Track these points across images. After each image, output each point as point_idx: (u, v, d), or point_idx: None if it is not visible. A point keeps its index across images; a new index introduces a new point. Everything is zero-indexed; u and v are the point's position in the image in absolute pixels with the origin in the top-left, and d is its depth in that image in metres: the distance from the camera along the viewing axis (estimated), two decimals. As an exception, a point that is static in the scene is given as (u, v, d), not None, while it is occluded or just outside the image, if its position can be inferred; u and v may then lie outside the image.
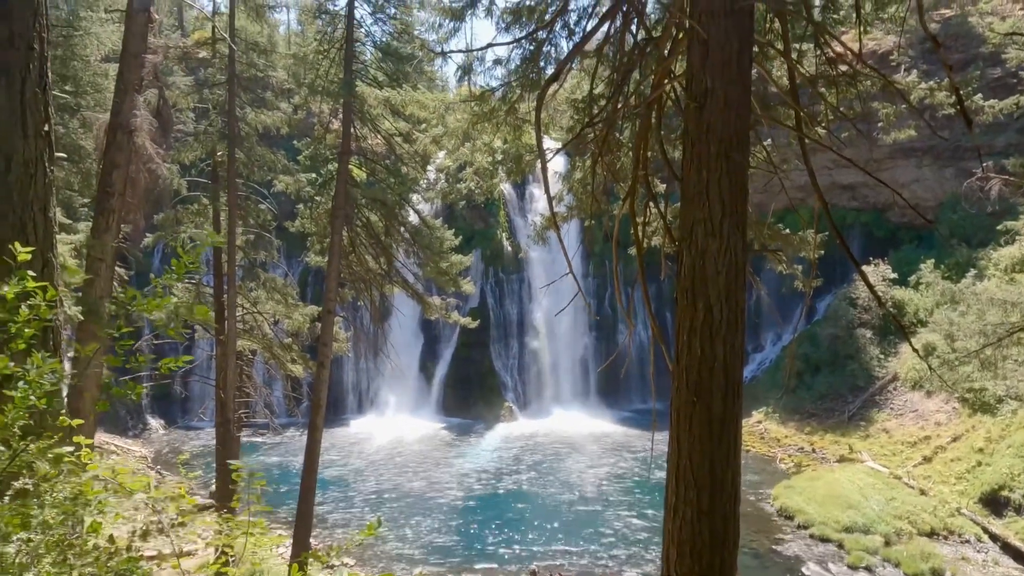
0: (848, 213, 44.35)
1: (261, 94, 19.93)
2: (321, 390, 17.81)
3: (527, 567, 25.10)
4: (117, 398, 9.49)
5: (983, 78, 34.84)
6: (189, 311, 3.02)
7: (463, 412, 43.26)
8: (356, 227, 19.54)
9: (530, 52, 8.96)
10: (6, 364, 2.53)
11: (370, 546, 27.09)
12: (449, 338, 45.21)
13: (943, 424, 32.72)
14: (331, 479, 34.07)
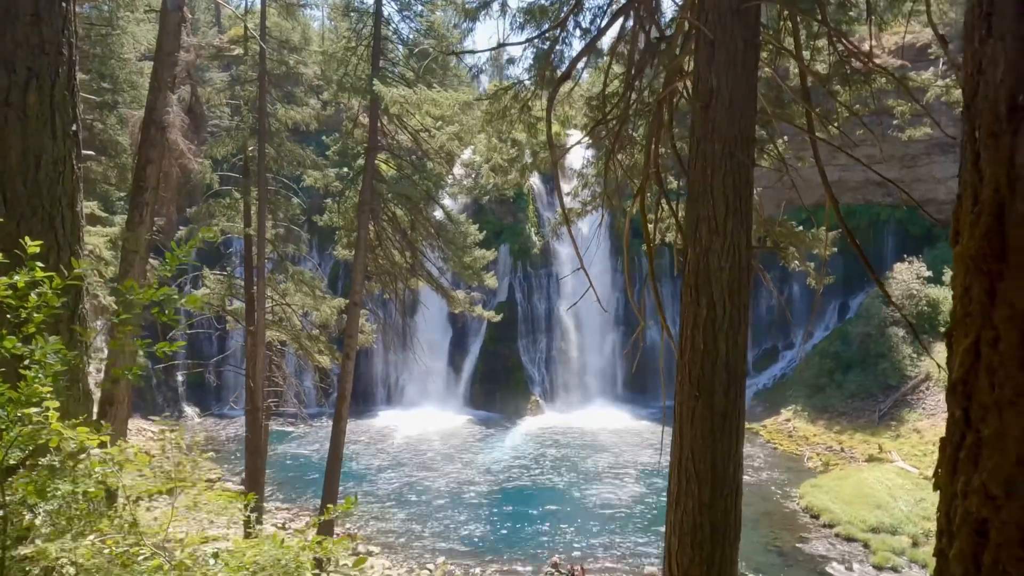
0: (882, 210, 43.61)
1: (291, 90, 20.36)
2: (347, 381, 18.20)
3: (549, 560, 25.32)
4: (134, 383, 9.53)
5: None
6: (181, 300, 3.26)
7: (490, 406, 43.58)
8: (382, 221, 19.88)
9: (543, 51, 9.13)
10: (14, 344, 2.81)
11: (396, 536, 27.57)
12: (477, 332, 45.53)
13: (976, 425, 32.06)
14: (358, 469, 34.65)
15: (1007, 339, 1.41)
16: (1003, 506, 1.41)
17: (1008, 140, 1.44)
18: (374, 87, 14.83)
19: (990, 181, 1.47)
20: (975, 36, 1.54)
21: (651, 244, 9.28)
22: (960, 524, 1.49)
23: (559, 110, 10.99)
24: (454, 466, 35.15)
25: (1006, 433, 1.41)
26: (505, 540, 27.38)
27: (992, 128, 1.47)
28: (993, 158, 1.47)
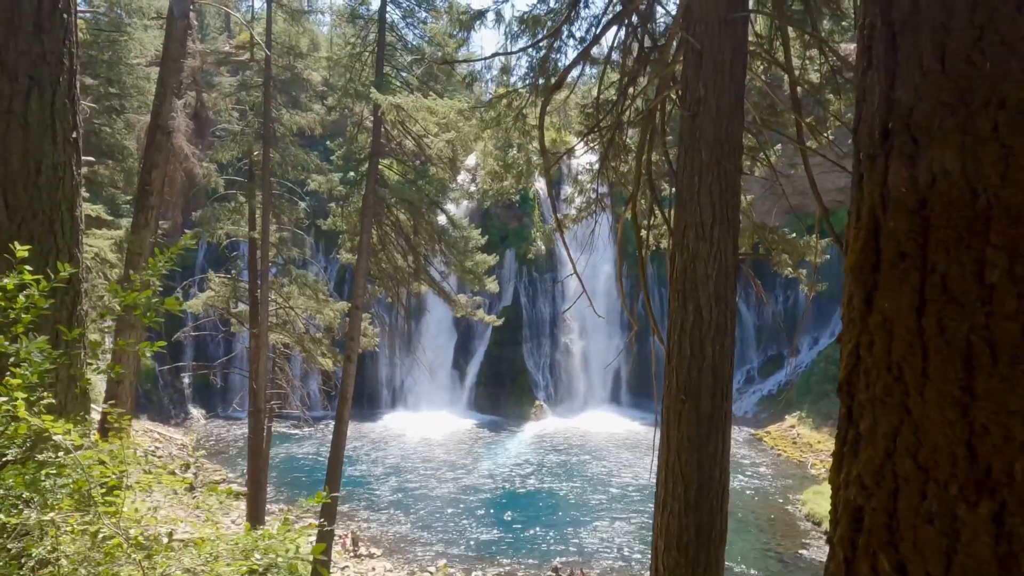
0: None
1: (297, 96, 20.60)
2: (348, 383, 18.37)
3: (550, 564, 25.41)
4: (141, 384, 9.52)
5: None
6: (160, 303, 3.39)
7: (494, 409, 43.71)
8: (385, 226, 20.07)
9: (538, 60, 9.29)
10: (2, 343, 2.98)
11: (398, 538, 27.72)
12: (482, 336, 45.69)
13: None
14: (362, 472, 34.83)
15: (879, 343, 1.55)
16: (874, 495, 1.54)
17: (882, 162, 1.58)
18: (370, 94, 15.03)
19: (867, 199, 1.61)
20: (859, 67, 1.68)
21: (642, 250, 9.41)
22: (842, 512, 1.62)
23: (555, 118, 11.14)
24: (457, 470, 35.28)
25: (877, 428, 1.55)
26: (507, 544, 27.48)
27: (870, 151, 1.62)
28: (870, 179, 1.61)
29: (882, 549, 1.52)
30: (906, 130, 1.53)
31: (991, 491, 1.41)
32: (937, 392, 1.46)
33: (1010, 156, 1.41)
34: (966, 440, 1.43)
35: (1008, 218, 1.41)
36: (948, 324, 1.45)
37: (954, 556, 1.43)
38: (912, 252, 1.50)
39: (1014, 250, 1.41)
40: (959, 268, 1.44)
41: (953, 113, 1.46)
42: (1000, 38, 1.41)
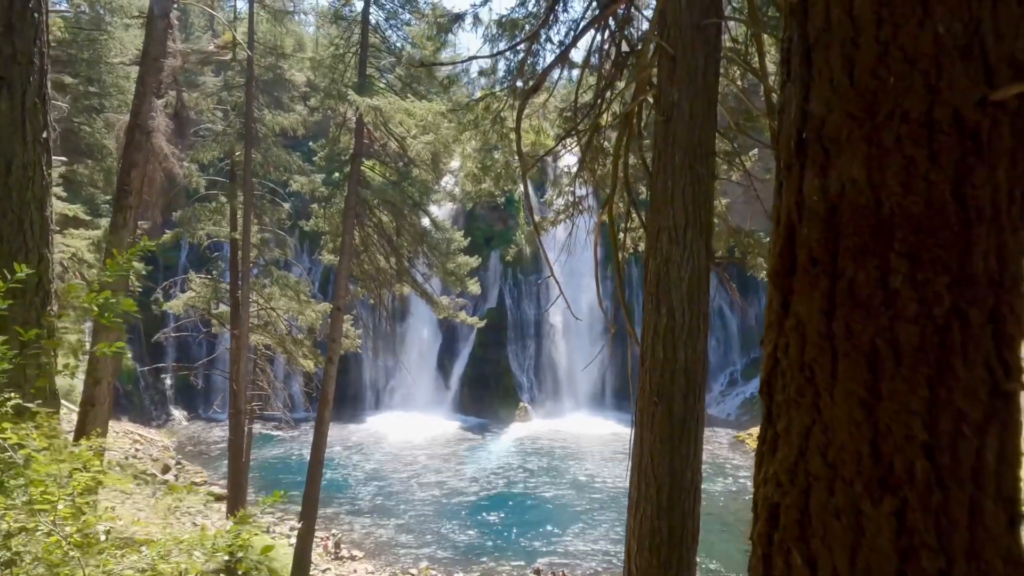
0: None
1: (279, 96, 20.55)
2: (329, 385, 18.34)
3: (532, 566, 25.45)
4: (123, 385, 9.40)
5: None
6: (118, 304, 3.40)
7: (479, 411, 43.71)
8: (367, 227, 20.05)
9: (516, 64, 9.35)
10: (-44, 343, 3.00)
11: (381, 541, 27.67)
12: (467, 337, 45.66)
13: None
14: (345, 474, 34.73)
15: (793, 346, 1.61)
16: (788, 492, 1.60)
17: (798, 172, 1.64)
18: (348, 95, 15.03)
19: (785, 207, 1.67)
20: (781, 79, 1.74)
21: (618, 253, 9.48)
22: (760, 509, 1.68)
23: (534, 121, 11.20)
24: (441, 472, 35.25)
25: (791, 428, 1.60)
26: (489, 547, 27.49)
27: (788, 161, 1.68)
28: (788, 187, 1.67)
29: (795, 545, 1.58)
30: (818, 141, 1.59)
31: (893, 488, 1.47)
32: (845, 393, 1.51)
33: (911, 167, 1.47)
34: (871, 439, 1.49)
35: (910, 226, 1.47)
36: (855, 328, 1.51)
37: (859, 551, 1.49)
38: (823, 258, 1.56)
39: (915, 256, 1.47)
40: (865, 274, 1.50)
41: (860, 125, 1.52)
42: (903, 54, 1.47)
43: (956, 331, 1.45)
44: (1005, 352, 1.49)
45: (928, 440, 1.45)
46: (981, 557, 1.46)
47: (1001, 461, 1.49)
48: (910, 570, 1.45)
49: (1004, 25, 1.47)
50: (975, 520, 1.46)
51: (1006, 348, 1.49)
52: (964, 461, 1.45)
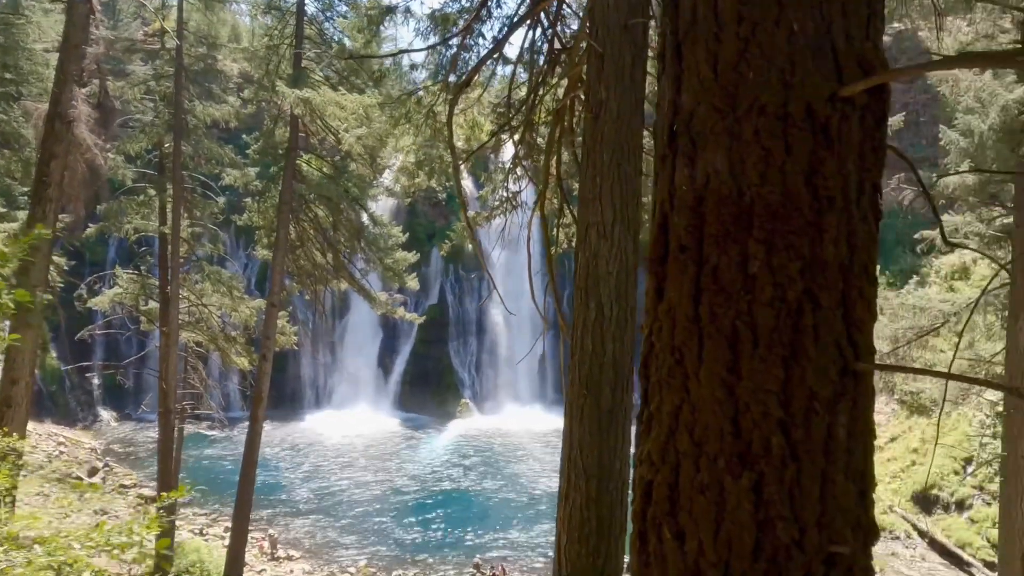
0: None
1: (210, 87, 19.99)
2: (263, 382, 17.99)
3: (472, 561, 25.49)
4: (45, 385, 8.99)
5: (928, 90, 35.96)
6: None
7: (420, 408, 43.48)
8: (303, 222, 19.73)
9: (448, 59, 9.33)
10: None
11: (319, 540, 27.28)
12: (408, 334, 45.32)
13: (883, 425, 33.75)
14: (283, 473, 34.12)
15: (665, 329, 1.67)
16: (659, 470, 1.67)
17: (670, 162, 1.70)
18: (277, 87, 14.74)
19: (660, 197, 1.73)
20: (658, 74, 1.81)
21: (550, 249, 9.57)
22: (636, 487, 1.74)
23: (469, 116, 11.21)
24: (381, 469, 34.97)
25: (663, 408, 1.67)
26: (430, 543, 27.42)
27: (662, 152, 1.74)
28: (662, 177, 1.74)
29: (665, 520, 1.64)
30: (687, 132, 1.66)
31: (751, 463, 1.55)
32: (709, 373, 1.59)
33: (769, 158, 1.55)
34: (732, 417, 1.56)
35: (767, 214, 1.55)
36: (718, 311, 1.58)
37: (722, 523, 1.56)
38: (690, 245, 1.63)
39: (771, 243, 1.55)
40: (727, 260, 1.58)
41: (723, 117, 1.60)
42: (761, 50, 1.55)
43: (809, 314, 1.54)
44: (855, 334, 1.58)
45: (783, 417, 1.53)
46: (832, 527, 1.55)
47: (852, 437, 1.59)
48: (766, 540, 1.53)
49: (853, 27, 1.56)
50: (826, 492, 1.55)
51: (856, 330, 1.59)
52: (816, 437, 1.54)
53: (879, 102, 1.62)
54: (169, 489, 19.69)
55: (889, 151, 2.12)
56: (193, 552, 21.62)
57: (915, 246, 38.48)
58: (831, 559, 1.55)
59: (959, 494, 27.57)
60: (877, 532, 1.66)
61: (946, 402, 26.18)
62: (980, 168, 12.91)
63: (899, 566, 25.23)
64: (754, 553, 1.53)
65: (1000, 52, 1.54)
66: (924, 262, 37.19)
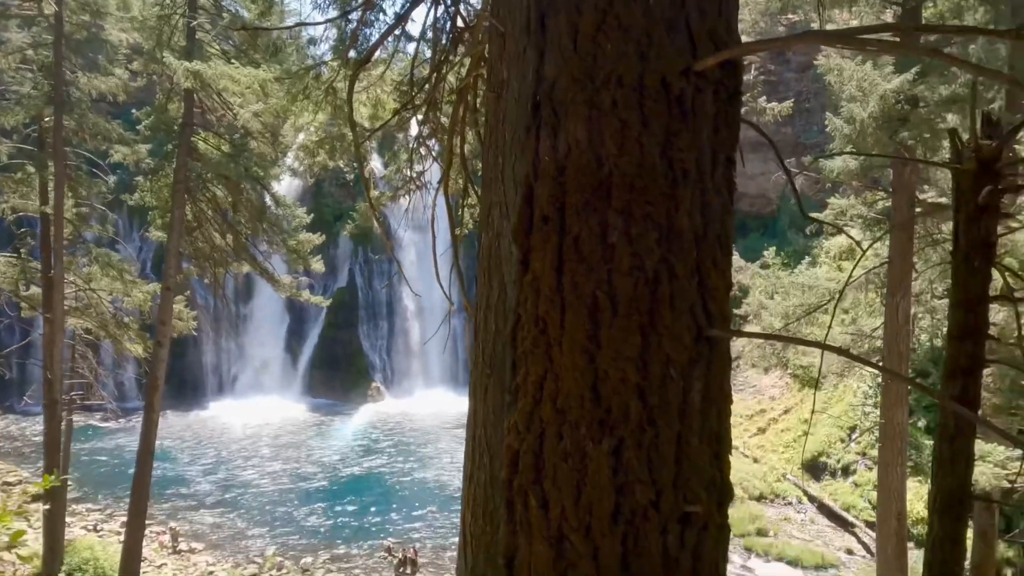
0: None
1: (95, 57, 18.76)
2: (159, 370, 17.20)
3: (383, 544, 25.35)
4: None
5: (818, 80, 37.73)
6: None
7: (330, 393, 42.72)
8: (201, 203, 18.90)
9: (348, 33, 9.09)
10: None
11: (224, 531, 26.47)
12: (316, 318, 44.33)
13: (776, 398, 35.63)
14: (185, 465, 32.88)
15: (531, 300, 1.69)
16: (525, 439, 1.69)
17: (534, 134, 1.71)
18: (165, 59, 13.98)
19: (524, 168, 1.74)
20: (522, 44, 1.81)
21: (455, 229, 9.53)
22: (504, 457, 1.76)
23: (371, 93, 10.98)
24: (289, 457, 34.21)
25: (529, 378, 1.69)
26: (340, 529, 27.09)
27: (527, 123, 1.75)
28: (526, 148, 1.74)
29: (531, 488, 1.67)
30: (550, 103, 1.67)
31: (611, 429, 1.58)
32: (571, 342, 1.61)
33: (626, 129, 1.58)
34: (592, 384, 1.60)
35: (625, 185, 1.58)
36: (579, 281, 1.60)
37: (584, 488, 1.60)
38: (553, 216, 1.64)
39: (630, 213, 1.58)
40: (588, 230, 1.60)
41: (583, 89, 1.61)
42: (618, 22, 1.57)
43: (665, 282, 1.58)
44: (709, 302, 1.64)
45: (641, 383, 1.58)
46: (687, 487, 1.61)
47: (706, 401, 1.65)
48: (625, 503, 1.57)
49: (706, 3, 1.61)
50: (682, 455, 1.60)
51: (710, 298, 1.65)
52: (672, 401, 1.59)
53: (732, 77, 1.67)
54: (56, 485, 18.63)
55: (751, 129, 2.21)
56: (86, 549, 20.57)
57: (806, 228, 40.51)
58: (686, 518, 1.61)
59: (844, 460, 29.45)
60: (731, 491, 1.73)
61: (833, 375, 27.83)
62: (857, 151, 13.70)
63: (791, 529, 26.77)
64: (614, 516, 1.58)
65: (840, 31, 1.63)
66: (815, 243, 39.19)
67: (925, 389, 3.02)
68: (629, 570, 1.57)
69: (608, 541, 1.57)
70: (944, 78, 13.40)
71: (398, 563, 23.93)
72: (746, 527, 26.19)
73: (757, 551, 25.20)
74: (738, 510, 27.30)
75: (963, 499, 4.37)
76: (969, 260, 4.21)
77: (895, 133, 13.36)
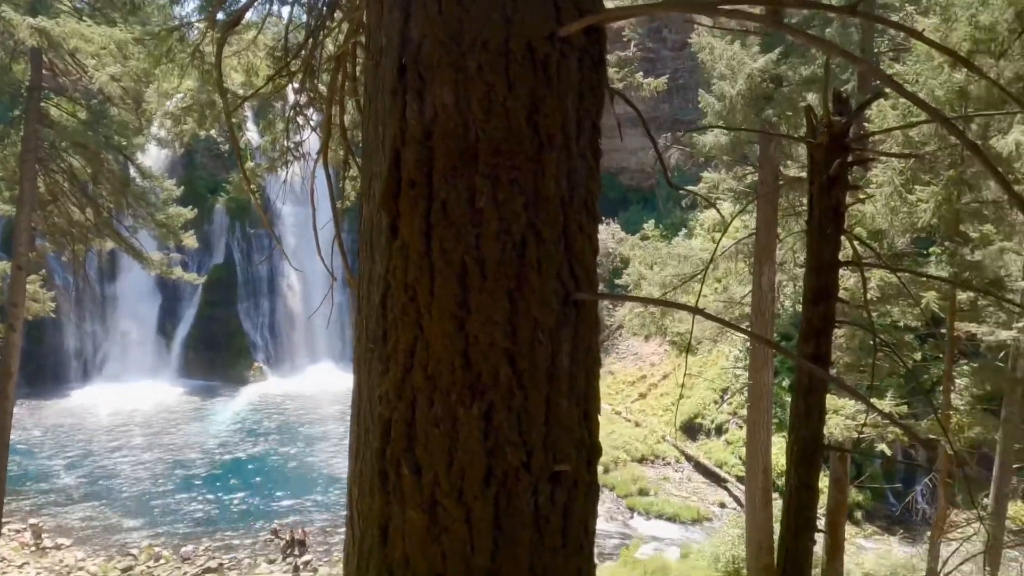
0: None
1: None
2: (12, 356, 15.85)
3: (269, 527, 24.72)
4: None
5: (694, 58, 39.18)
6: None
7: (208, 375, 40.87)
8: (55, 174, 17.43)
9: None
10: None
11: (94, 525, 24.96)
12: (191, 297, 42.16)
13: (656, 364, 37.29)
14: (46, 457, 30.65)
15: (399, 266, 1.66)
16: (397, 408, 1.67)
17: (401, 97, 1.68)
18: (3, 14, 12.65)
19: (391, 132, 1.70)
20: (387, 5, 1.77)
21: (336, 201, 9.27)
22: (376, 426, 1.74)
23: (243, 59, 10.45)
24: (166, 443, 32.57)
25: (399, 346, 1.67)
26: (223, 515, 26.16)
27: (392, 86, 1.71)
28: (393, 112, 1.71)
29: (403, 456, 1.66)
30: (415, 66, 1.64)
31: (481, 393, 1.59)
32: (441, 308, 1.60)
33: (492, 93, 1.58)
34: (463, 350, 1.60)
35: (492, 149, 1.58)
36: (448, 246, 1.59)
37: (455, 454, 1.61)
38: (420, 181, 1.62)
39: (497, 178, 1.58)
40: (456, 195, 1.59)
41: (448, 52, 1.59)
42: (483, -16, 1.56)
43: (532, 247, 1.60)
44: (576, 266, 1.68)
45: (510, 347, 1.59)
46: (556, 447, 1.65)
47: (575, 363, 1.69)
48: (497, 465, 1.59)
49: (570, -31, 1.62)
50: (551, 416, 1.64)
51: (577, 262, 1.68)
52: (541, 364, 1.62)
53: (596, 44, 1.70)
54: None
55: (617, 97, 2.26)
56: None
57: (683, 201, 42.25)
58: (556, 477, 1.65)
59: (718, 421, 31.31)
60: (599, 450, 1.79)
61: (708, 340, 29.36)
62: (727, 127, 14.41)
63: (670, 488, 28.26)
64: (486, 479, 1.59)
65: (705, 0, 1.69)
66: (691, 216, 41.03)
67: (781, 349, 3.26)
68: (502, 530, 1.60)
69: (480, 504, 1.59)
70: (804, 59, 14.26)
71: (285, 545, 23.45)
72: (629, 488, 27.40)
73: (639, 510, 26.46)
74: (621, 472, 28.53)
75: (817, 450, 4.74)
76: (822, 228, 4.53)
77: (761, 110, 14.12)
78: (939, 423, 12.42)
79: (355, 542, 1.93)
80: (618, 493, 27.23)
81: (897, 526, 24.76)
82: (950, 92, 11.93)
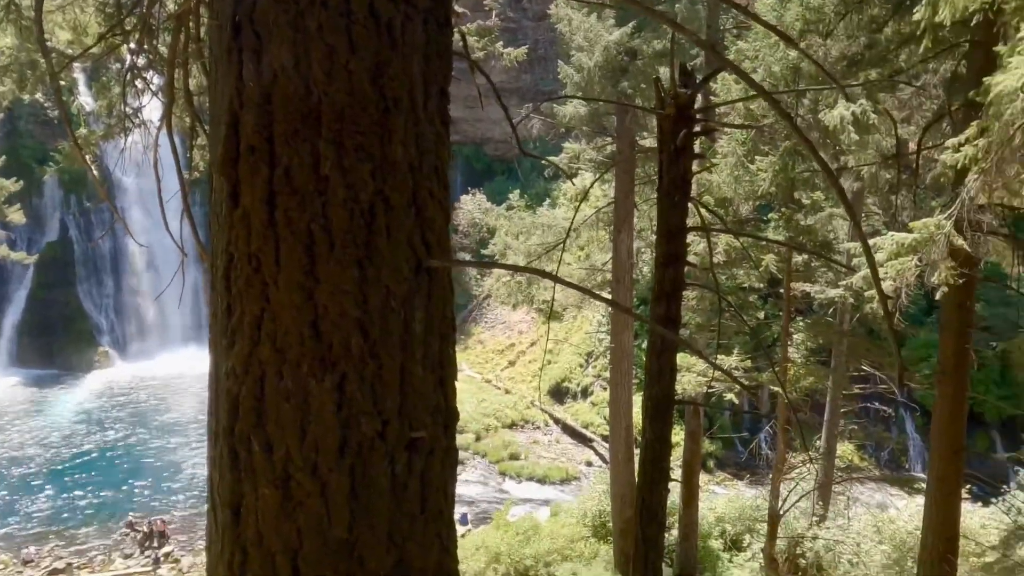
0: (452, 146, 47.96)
1: None
2: None
3: (124, 520, 23.26)
4: None
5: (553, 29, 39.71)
6: None
7: (45, 363, 37.52)
8: None
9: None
10: None
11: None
12: (21, 278, 38.38)
13: (524, 332, 38.10)
14: None
15: (242, 236, 1.59)
16: (244, 383, 1.61)
17: (236, 57, 1.59)
18: None
19: (227, 94, 1.61)
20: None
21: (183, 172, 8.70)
22: (222, 403, 1.67)
23: (69, 14, 9.52)
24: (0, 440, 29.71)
25: (244, 319, 1.61)
26: (72, 512, 24.32)
27: (227, 45, 1.62)
28: (228, 73, 1.62)
29: (253, 433, 1.60)
30: (251, 25, 1.56)
31: (333, 364, 1.56)
32: (287, 279, 1.55)
33: (334, 55, 1.53)
34: (312, 321, 1.56)
35: (334, 113, 1.53)
36: (293, 215, 1.54)
37: (308, 427, 1.57)
38: (260, 146, 1.55)
39: (341, 143, 1.54)
40: (299, 161, 1.54)
41: (286, 11, 1.52)
42: (314, -61, 1.50)
43: (381, 214, 1.58)
44: (427, 233, 1.67)
45: (361, 316, 1.57)
46: (412, 415, 1.65)
47: (428, 330, 1.69)
48: (351, 436, 1.58)
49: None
50: (406, 384, 1.64)
51: (428, 229, 1.67)
52: (394, 332, 1.61)
53: (441, 7, 1.68)
54: None
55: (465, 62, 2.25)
56: None
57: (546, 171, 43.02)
58: (413, 444, 1.65)
59: (583, 383, 32.54)
60: (457, 414, 1.81)
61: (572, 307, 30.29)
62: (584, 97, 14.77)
63: (540, 451, 29.14)
64: (340, 450, 1.57)
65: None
66: (555, 186, 41.88)
67: (633, 314, 3.42)
68: (358, 501, 1.59)
69: (335, 476, 1.57)
70: (656, 33, 14.82)
71: (143, 537, 22.19)
72: (500, 454, 28.01)
73: (510, 474, 27.12)
74: (492, 439, 29.09)
75: (669, 405, 5.04)
76: (671, 196, 4.76)
77: (617, 82, 14.56)
78: (776, 376, 13.56)
79: (217, 527, 1.85)
80: (490, 459, 27.77)
81: (744, 471, 26.94)
82: (785, 68, 12.83)
